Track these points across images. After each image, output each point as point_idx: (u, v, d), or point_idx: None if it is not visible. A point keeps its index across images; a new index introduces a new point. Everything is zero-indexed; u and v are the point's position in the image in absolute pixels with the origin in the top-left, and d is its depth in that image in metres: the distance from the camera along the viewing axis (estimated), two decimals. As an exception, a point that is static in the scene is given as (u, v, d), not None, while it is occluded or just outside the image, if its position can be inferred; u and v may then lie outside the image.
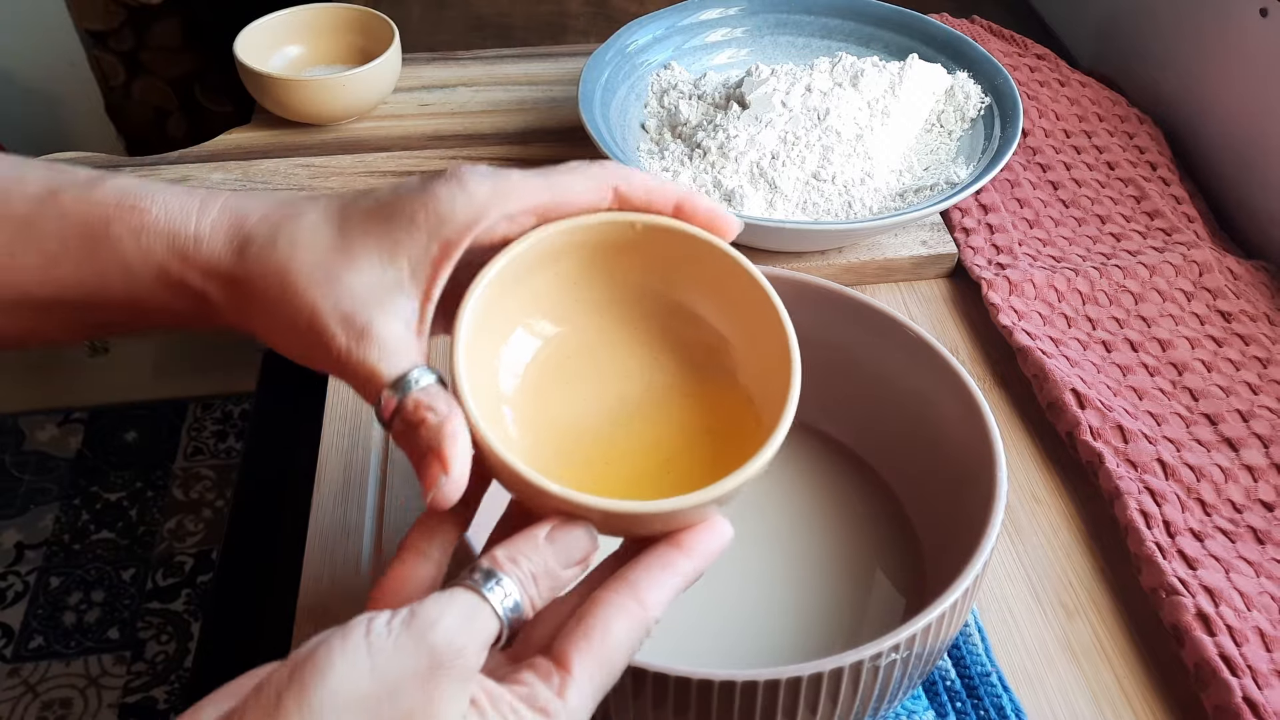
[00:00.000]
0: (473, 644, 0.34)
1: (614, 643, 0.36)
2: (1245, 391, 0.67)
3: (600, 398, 0.44)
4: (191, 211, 0.40)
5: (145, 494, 1.67)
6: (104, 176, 0.41)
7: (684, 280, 0.44)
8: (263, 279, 0.39)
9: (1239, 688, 0.51)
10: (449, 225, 0.39)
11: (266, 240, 0.39)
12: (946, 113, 0.80)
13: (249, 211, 0.40)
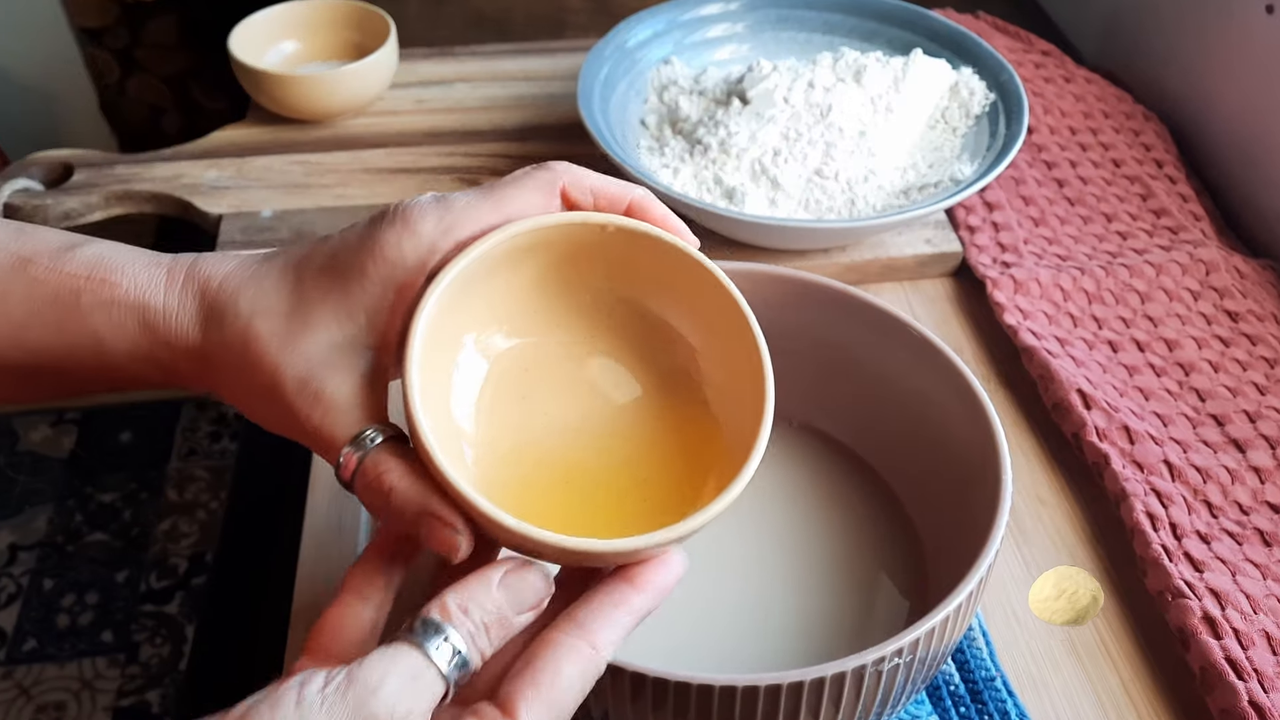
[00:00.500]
0: (417, 708, 0.32)
1: (563, 686, 0.35)
2: (1252, 392, 0.66)
3: (563, 414, 0.42)
4: (159, 283, 0.40)
5: (139, 495, 1.67)
6: (74, 245, 0.40)
7: (650, 286, 0.42)
8: (225, 350, 0.39)
9: (1245, 691, 0.51)
10: (399, 269, 0.38)
11: (229, 308, 0.39)
12: (951, 109, 0.80)
13: (212, 276, 0.40)
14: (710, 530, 0.56)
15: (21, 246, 0.40)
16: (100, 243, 0.41)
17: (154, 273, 0.40)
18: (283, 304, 0.39)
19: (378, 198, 0.79)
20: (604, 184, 0.40)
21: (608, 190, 0.40)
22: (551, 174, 0.40)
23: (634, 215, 0.41)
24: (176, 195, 0.80)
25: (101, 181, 0.81)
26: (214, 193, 0.80)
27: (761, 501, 0.58)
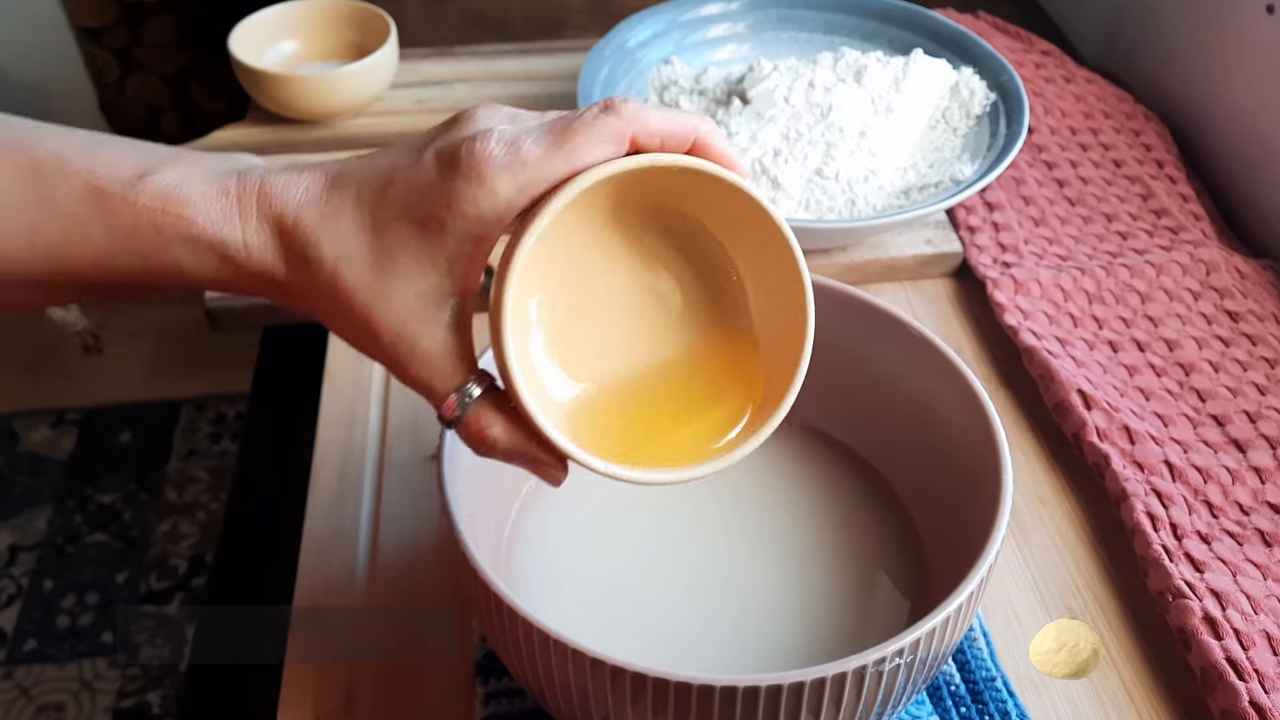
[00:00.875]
0: None
1: None
2: (1253, 392, 0.66)
3: (628, 342, 0.45)
4: (234, 217, 0.40)
5: (139, 496, 1.67)
6: (143, 172, 0.40)
7: (706, 216, 0.44)
8: (314, 291, 0.41)
9: (1246, 691, 0.51)
10: (477, 225, 0.39)
11: (312, 252, 0.40)
12: (951, 109, 0.80)
13: (285, 211, 0.40)
14: (711, 530, 0.56)
15: (94, 172, 0.40)
16: (168, 168, 0.41)
17: (226, 206, 0.40)
18: (364, 250, 0.40)
19: (378, 198, 0.79)
20: (670, 126, 0.40)
21: (675, 133, 0.40)
22: (622, 123, 0.39)
23: (697, 152, 0.41)
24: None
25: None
26: (214, 193, 0.80)
27: (762, 501, 0.58)
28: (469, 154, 0.38)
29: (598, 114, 0.39)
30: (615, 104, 0.39)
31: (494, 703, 0.52)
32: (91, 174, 0.40)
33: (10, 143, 0.40)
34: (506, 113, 0.41)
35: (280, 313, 0.73)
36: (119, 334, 1.84)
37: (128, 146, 0.41)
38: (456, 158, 0.39)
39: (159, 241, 0.40)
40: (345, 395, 0.68)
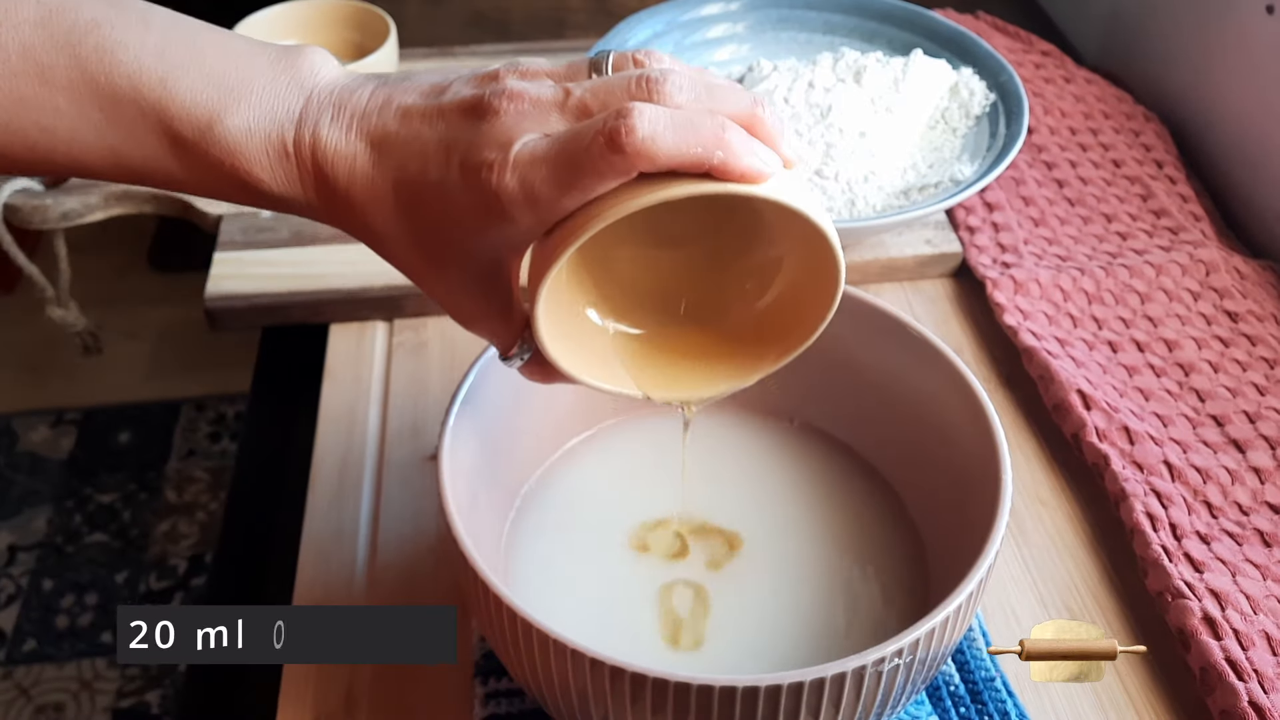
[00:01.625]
0: None
1: None
2: (1252, 392, 0.66)
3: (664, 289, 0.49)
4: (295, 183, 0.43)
5: (138, 496, 1.67)
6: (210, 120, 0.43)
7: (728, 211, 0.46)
8: (371, 248, 0.46)
9: (1245, 692, 0.51)
10: (504, 248, 0.43)
11: (363, 223, 0.44)
12: (951, 110, 0.79)
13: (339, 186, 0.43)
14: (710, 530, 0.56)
15: (167, 112, 0.42)
16: (233, 111, 0.43)
17: (288, 170, 0.43)
18: (408, 238, 0.44)
19: (377, 198, 0.79)
20: (682, 157, 0.39)
21: (686, 163, 0.40)
22: (626, 163, 0.39)
23: (717, 175, 0.40)
24: (176, 195, 0.80)
25: (101, 182, 0.80)
26: (213, 193, 0.80)
27: (763, 501, 0.58)
28: (488, 186, 0.40)
29: (603, 150, 0.39)
30: (621, 139, 0.38)
31: (493, 703, 0.52)
32: (165, 114, 0.42)
33: (87, 71, 0.42)
34: (530, 101, 0.41)
35: (280, 312, 0.73)
36: (118, 334, 1.84)
37: (195, 74, 0.43)
38: (478, 186, 0.40)
39: (230, 185, 0.44)
40: (345, 395, 0.68)
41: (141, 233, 2.00)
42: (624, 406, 0.61)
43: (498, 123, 0.40)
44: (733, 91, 0.41)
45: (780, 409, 0.61)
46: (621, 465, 0.59)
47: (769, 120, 0.42)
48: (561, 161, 0.39)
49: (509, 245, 0.43)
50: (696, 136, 0.39)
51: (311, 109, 0.43)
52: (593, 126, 0.39)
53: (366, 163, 0.42)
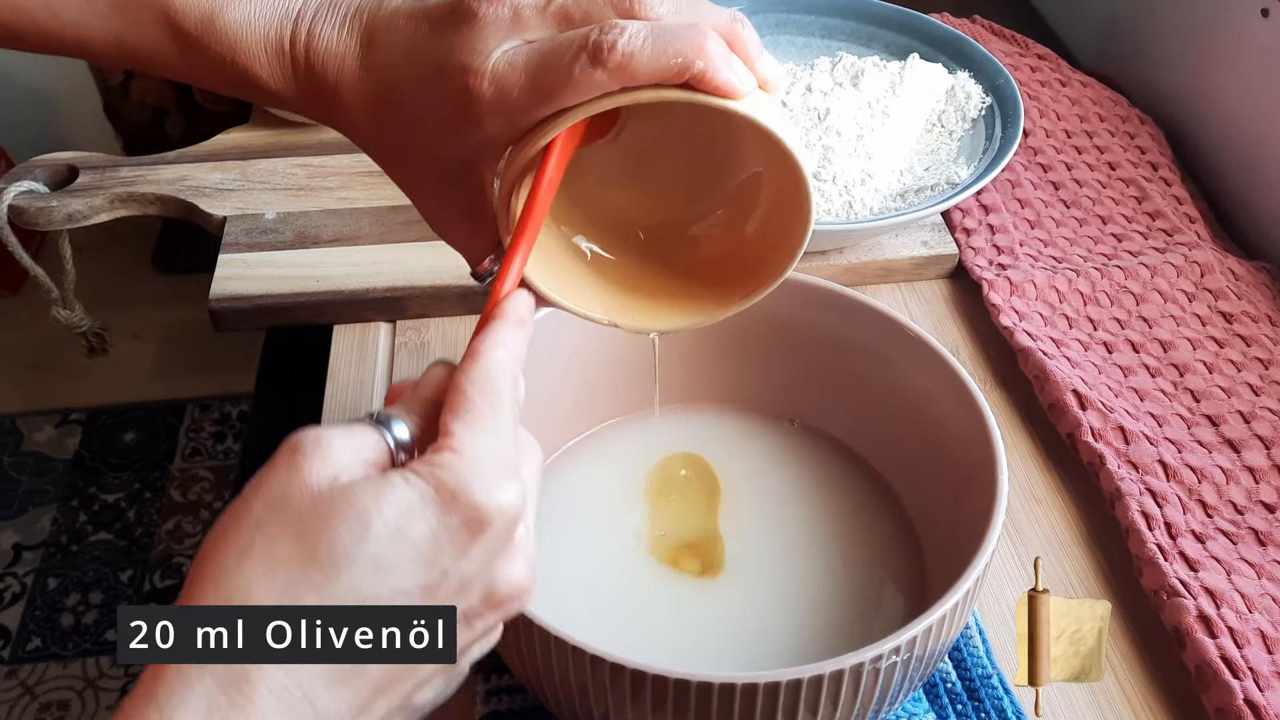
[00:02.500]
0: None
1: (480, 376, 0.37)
2: (1247, 393, 0.66)
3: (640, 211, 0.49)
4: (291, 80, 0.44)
5: (143, 495, 1.67)
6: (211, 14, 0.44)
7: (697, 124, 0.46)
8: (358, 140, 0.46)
9: (1240, 690, 0.51)
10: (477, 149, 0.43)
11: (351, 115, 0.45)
12: (947, 113, 0.80)
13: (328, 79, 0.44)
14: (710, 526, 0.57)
15: (169, 3, 0.44)
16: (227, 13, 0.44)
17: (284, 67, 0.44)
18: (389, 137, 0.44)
19: (380, 200, 0.80)
20: (661, 70, 0.39)
21: (666, 76, 0.39)
22: (607, 78, 0.39)
23: (694, 85, 0.40)
24: (181, 198, 0.81)
25: (106, 184, 0.81)
26: (218, 195, 0.81)
27: (761, 500, 0.58)
28: (464, 90, 0.40)
29: (585, 65, 0.38)
30: (604, 54, 0.38)
31: (494, 700, 0.52)
32: (168, 5, 0.44)
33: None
34: (510, 6, 0.40)
35: (284, 313, 0.73)
36: (123, 334, 1.84)
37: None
38: (455, 90, 0.41)
39: (227, 78, 0.45)
40: (348, 395, 0.68)
41: (146, 234, 2.00)
42: (624, 407, 0.61)
43: (477, 26, 0.40)
44: (712, 5, 0.41)
45: (781, 410, 0.62)
46: (621, 465, 0.60)
47: (748, 36, 0.41)
48: (540, 72, 0.39)
49: (482, 151, 0.43)
50: (676, 46, 0.39)
51: (309, 6, 0.44)
52: (574, 40, 0.39)
53: (354, 62, 0.43)
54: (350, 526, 0.32)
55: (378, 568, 0.32)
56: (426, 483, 0.34)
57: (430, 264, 0.74)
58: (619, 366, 0.60)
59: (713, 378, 0.61)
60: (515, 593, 0.36)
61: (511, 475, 0.35)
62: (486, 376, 0.37)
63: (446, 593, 0.34)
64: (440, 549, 0.33)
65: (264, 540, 0.32)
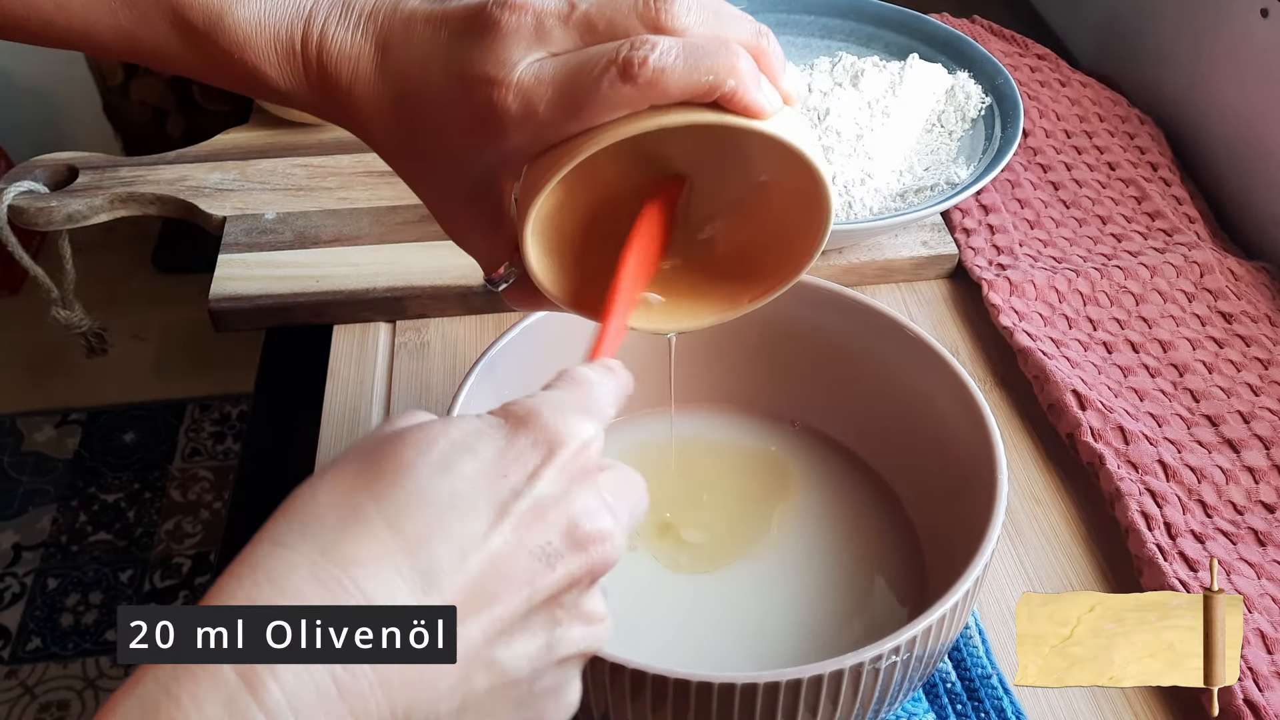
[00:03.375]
0: None
1: None
2: (1246, 393, 0.66)
3: None
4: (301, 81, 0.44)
5: (143, 495, 1.67)
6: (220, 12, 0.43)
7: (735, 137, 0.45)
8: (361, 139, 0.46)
9: (1240, 690, 0.51)
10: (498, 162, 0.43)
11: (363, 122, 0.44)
12: (947, 113, 0.80)
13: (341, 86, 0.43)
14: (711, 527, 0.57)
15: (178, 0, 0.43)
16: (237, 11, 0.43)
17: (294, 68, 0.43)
18: (405, 144, 0.44)
19: (380, 200, 0.80)
20: (692, 89, 0.39)
21: (697, 95, 0.39)
22: (638, 95, 0.38)
23: (724, 104, 0.39)
24: (181, 198, 0.81)
25: (106, 184, 0.81)
26: (218, 195, 0.81)
27: (761, 501, 0.58)
28: (488, 103, 0.40)
29: (615, 81, 0.38)
30: (634, 70, 0.38)
31: (496, 700, 0.52)
32: (178, 2, 0.43)
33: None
34: (532, 13, 0.40)
35: (284, 313, 0.73)
36: (123, 334, 1.84)
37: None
38: (478, 102, 0.40)
39: (236, 76, 0.44)
40: (348, 395, 0.68)
41: (146, 234, 2.00)
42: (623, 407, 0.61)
43: (500, 35, 0.39)
44: (739, 18, 0.41)
45: (781, 411, 0.62)
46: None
47: (773, 52, 0.41)
48: (569, 88, 0.39)
49: (503, 162, 0.42)
50: (708, 64, 0.38)
51: (321, 6, 0.43)
52: (603, 55, 0.38)
53: (370, 65, 0.43)
54: (418, 444, 0.33)
55: (441, 472, 0.33)
56: (496, 415, 0.35)
57: (430, 264, 0.74)
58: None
59: (713, 378, 0.61)
60: (598, 534, 0.34)
61: (589, 416, 0.36)
62: (573, 374, 0.38)
63: (520, 514, 0.33)
64: (508, 463, 0.34)
65: (336, 468, 0.34)
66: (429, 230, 0.77)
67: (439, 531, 0.32)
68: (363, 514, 0.32)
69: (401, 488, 0.32)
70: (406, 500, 0.32)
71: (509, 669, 0.33)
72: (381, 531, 0.32)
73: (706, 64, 0.38)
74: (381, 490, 0.32)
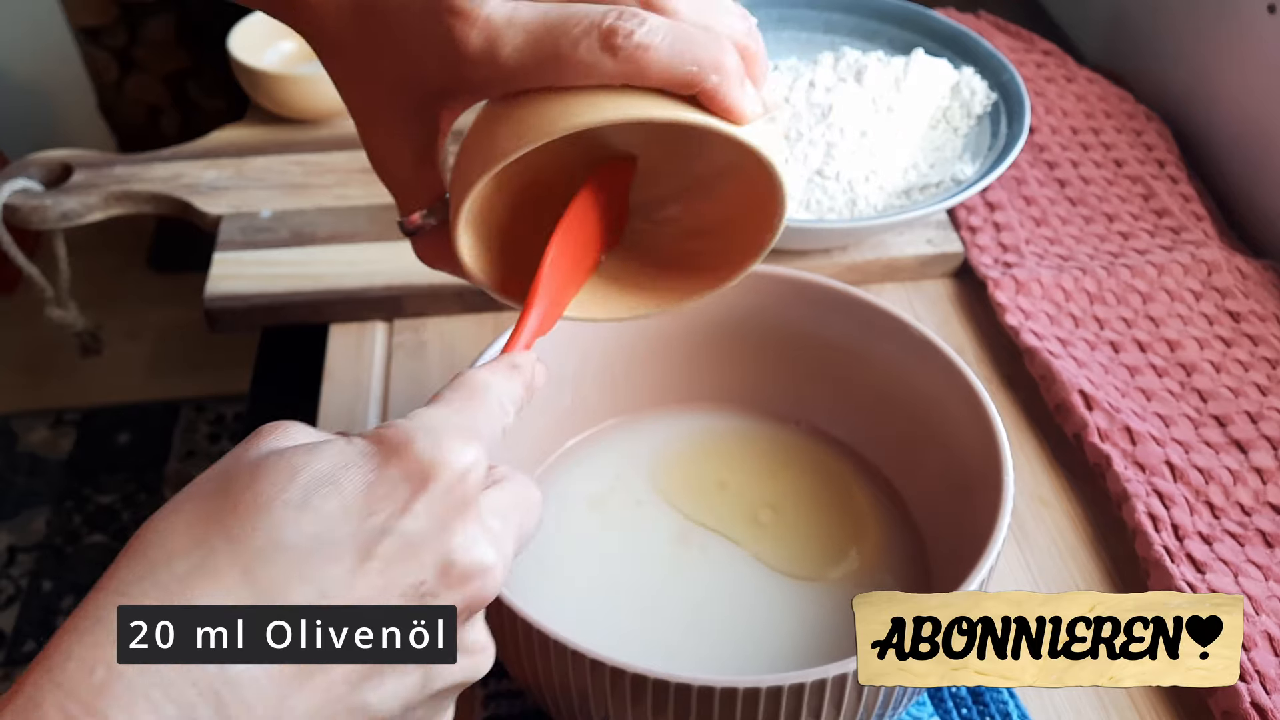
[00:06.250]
0: None
1: None
2: (1254, 393, 0.66)
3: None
4: None
5: (138, 497, 1.67)
6: None
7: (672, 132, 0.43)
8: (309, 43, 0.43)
9: (1247, 693, 0.51)
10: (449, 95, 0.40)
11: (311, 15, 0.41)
12: (952, 109, 0.79)
13: None
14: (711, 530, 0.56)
15: None
16: None
17: None
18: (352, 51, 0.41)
19: (377, 198, 0.79)
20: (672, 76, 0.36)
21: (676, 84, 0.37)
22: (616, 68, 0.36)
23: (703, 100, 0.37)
24: (176, 195, 0.80)
25: (101, 182, 0.81)
26: (213, 193, 0.80)
27: (763, 501, 0.58)
28: (451, 32, 0.37)
29: (594, 47, 0.36)
30: (617, 41, 0.35)
31: (494, 704, 0.52)
32: None
33: None
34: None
35: (280, 312, 0.72)
36: (118, 335, 1.84)
37: None
38: (440, 29, 0.37)
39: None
40: (344, 396, 0.68)
41: (141, 233, 2.00)
42: (624, 407, 0.61)
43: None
44: (731, 11, 0.39)
45: (785, 411, 0.61)
46: (621, 465, 0.59)
47: (759, 54, 0.39)
48: (543, 39, 0.36)
49: (447, 95, 0.39)
50: (694, 54, 0.36)
51: None
52: (587, 15, 0.36)
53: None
54: (276, 477, 0.31)
55: (300, 512, 0.30)
56: (366, 439, 0.32)
57: (428, 262, 0.73)
58: (619, 366, 0.60)
59: (716, 378, 0.61)
60: (477, 568, 0.32)
61: (469, 439, 0.33)
62: (465, 381, 0.36)
63: (389, 552, 0.31)
64: (375, 499, 0.31)
65: (189, 500, 0.31)
66: (427, 228, 0.76)
67: (296, 578, 0.30)
68: (214, 560, 0.30)
69: (258, 528, 0.30)
70: (262, 543, 0.30)
71: (378, 711, 0.32)
72: (234, 580, 0.30)
73: (692, 53, 0.36)
74: (236, 531, 0.30)
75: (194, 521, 0.31)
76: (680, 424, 0.61)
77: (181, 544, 0.30)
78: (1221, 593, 0.55)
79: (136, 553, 0.30)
